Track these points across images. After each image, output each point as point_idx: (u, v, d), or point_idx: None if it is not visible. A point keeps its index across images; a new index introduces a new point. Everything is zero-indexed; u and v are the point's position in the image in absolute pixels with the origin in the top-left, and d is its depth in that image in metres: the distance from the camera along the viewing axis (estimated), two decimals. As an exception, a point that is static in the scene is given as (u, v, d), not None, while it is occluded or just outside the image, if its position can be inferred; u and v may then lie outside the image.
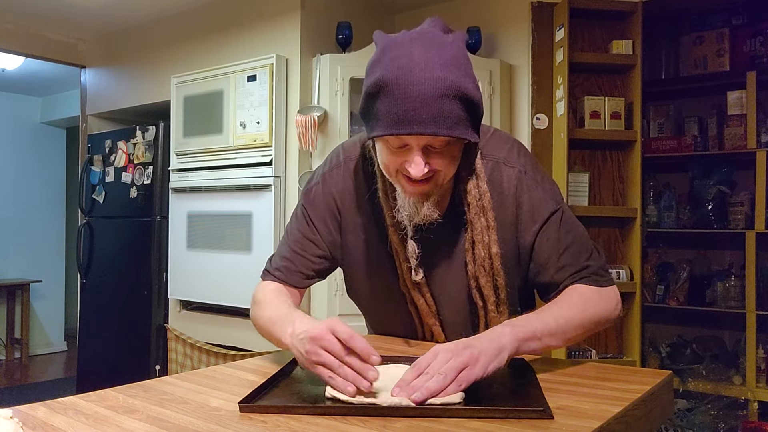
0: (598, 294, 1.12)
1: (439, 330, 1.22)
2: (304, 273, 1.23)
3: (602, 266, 1.16)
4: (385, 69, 1.00)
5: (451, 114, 0.98)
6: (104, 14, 3.82)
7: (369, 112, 1.05)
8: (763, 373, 2.94)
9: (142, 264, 3.74)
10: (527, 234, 1.15)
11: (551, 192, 1.17)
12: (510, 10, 3.21)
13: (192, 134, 3.41)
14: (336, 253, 1.25)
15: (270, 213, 3.04)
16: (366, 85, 1.04)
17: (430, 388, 0.83)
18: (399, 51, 1.01)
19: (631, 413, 0.84)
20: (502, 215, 1.15)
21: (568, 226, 1.15)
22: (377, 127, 1.02)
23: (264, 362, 1.12)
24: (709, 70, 3.28)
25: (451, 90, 0.98)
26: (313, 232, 1.23)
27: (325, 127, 3.02)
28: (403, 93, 0.98)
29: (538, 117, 2.97)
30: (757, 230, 2.97)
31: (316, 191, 1.24)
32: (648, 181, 3.36)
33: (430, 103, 0.97)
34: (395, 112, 0.98)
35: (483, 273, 1.14)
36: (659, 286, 3.36)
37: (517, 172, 1.16)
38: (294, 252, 1.23)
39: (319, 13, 3.21)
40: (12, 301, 5.57)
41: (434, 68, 0.98)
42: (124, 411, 0.83)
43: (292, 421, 0.79)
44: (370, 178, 1.19)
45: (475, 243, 1.14)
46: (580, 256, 1.14)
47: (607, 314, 1.12)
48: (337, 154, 1.26)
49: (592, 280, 1.13)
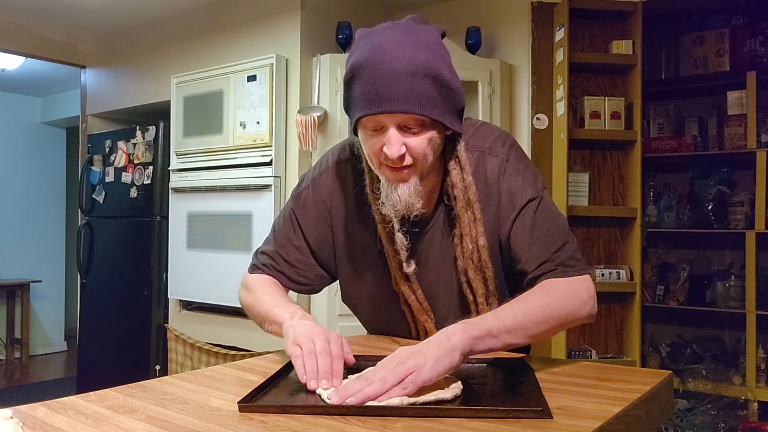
0: (566, 286, 1.06)
1: (432, 326, 1.22)
2: (290, 276, 1.25)
3: (572, 255, 1.10)
4: (359, 53, 1.03)
5: (424, 93, 1.00)
6: (104, 14, 3.82)
7: (348, 100, 1.07)
8: (763, 373, 2.94)
9: (142, 264, 3.74)
10: (506, 222, 1.14)
11: (532, 180, 1.15)
12: (510, 10, 3.21)
13: (192, 134, 3.41)
14: (326, 256, 1.25)
15: (270, 213, 3.04)
16: (344, 75, 1.07)
17: (366, 392, 0.83)
18: (373, 37, 1.04)
19: (631, 413, 0.84)
20: (487, 206, 1.15)
21: (544, 214, 1.12)
22: (354, 112, 1.05)
23: (264, 362, 1.12)
24: (709, 70, 3.28)
25: (421, 68, 0.99)
26: (299, 238, 1.24)
27: (325, 127, 3.02)
28: (374, 72, 1.00)
29: (538, 117, 2.97)
30: (757, 230, 2.97)
31: (306, 196, 1.25)
32: (648, 181, 3.36)
33: (401, 79, 0.99)
34: (368, 92, 1.01)
35: (471, 266, 1.14)
36: (659, 286, 3.36)
37: (500, 160, 1.15)
38: (279, 255, 1.25)
39: (319, 13, 3.21)
40: (12, 301, 5.57)
41: (405, 48, 1.00)
42: (124, 411, 0.83)
43: (292, 421, 0.79)
44: (359, 177, 1.19)
45: (463, 236, 1.14)
46: (552, 246, 1.09)
47: (574, 309, 1.05)
48: (326, 159, 1.27)
49: (559, 271, 1.07)
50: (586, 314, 1.07)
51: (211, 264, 3.29)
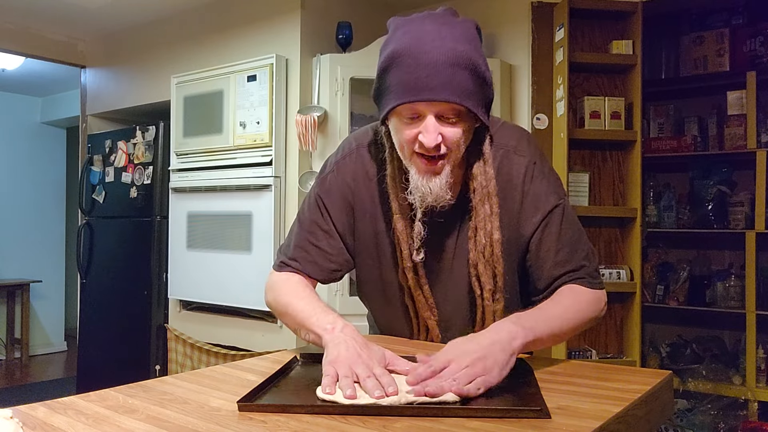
0: (593, 296, 1.14)
1: (434, 324, 1.22)
2: (320, 264, 1.22)
3: (597, 268, 1.19)
4: (397, 42, 1.03)
5: (462, 84, 1.01)
6: (104, 14, 3.82)
7: (381, 88, 1.07)
8: (763, 373, 2.94)
9: (142, 264, 3.74)
10: (528, 224, 1.16)
11: (555, 186, 1.18)
12: (510, 10, 3.21)
13: (192, 134, 3.41)
14: (350, 241, 1.24)
15: (270, 213, 3.04)
16: (379, 64, 1.06)
17: (444, 387, 0.84)
18: (410, 26, 1.04)
19: (631, 413, 0.84)
20: (507, 203, 1.16)
21: (568, 222, 1.17)
22: (390, 100, 1.04)
23: (264, 362, 1.12)
24: (709, 70, 3.28)
25: (462, 60, 1.00)
26: (327, 222, 1.22)
27: (325, 127, 3.02)
28: (414, 61, 1.00)
29: (538, 117, 2.97)
30: (757, 230, 2.97)
31: (331, 179, 1.24)
32: (648, 181, 3.36)
33: (441, 70, 0.99)
34: (407, 81, 1.01)
35: (482, 260, 1.14)
36: (659, 286, 3.36)
37: (527, 161, 1.17)
38: (308, 242, 1.22)
39: (319, 13, 3.21)
40: (12, 301, 5.57)
41: (445, 38, 1.01)
42: (124, 411, 0.83)
43: (292, 421, 0.79)
44: (380, 165, 1.19)
45: (477, 230, 1.14)
46: (578, 254, 1.15)
47: (595, 316, 1.15)
48: (349, 143, 1.26)
49: (587, 281, 1.14)
50: (599, 319, 1.18)
51: (211, 264, 3.29)
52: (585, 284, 1.14)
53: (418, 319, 1.24)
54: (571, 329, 1.10)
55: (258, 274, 3.04)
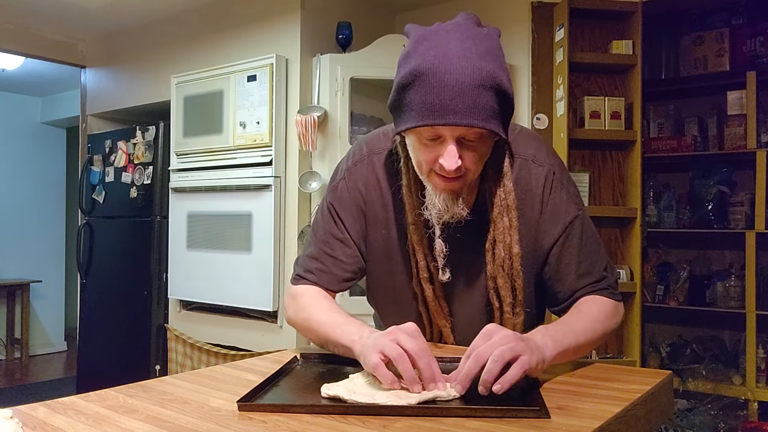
0: (614, 308, 1.15)
1: (449, 331, 1.21)
2: (337, 275, 1.20)
3: (617, 279, 1.19)
4: (421, 58, 0.98)
5: (487, 106, 0.97)
6: (104, 14, 3.82)
7: (401, 103, 1.02)
8: (763, 373, 2.94)
9: (142, 264, 3.74)
10: (547, 236, 1.14)
11: (574, 196, 1.17)
12: (510, 10, 3.21)
13: (192, 134, 3.41)
14: (363, 248, 1.22)
15: (270, 213, 3.04)
16: (399, 76, 1.01)
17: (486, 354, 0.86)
18: (435, 41, 0.99)
19: (631, 413, 0.84)
20: (526, 214, 1.14)
21: (588, 233, 1.16)
22: (410, 119, 1.00)
23: (264, 362, 1.12)
24: (709, 70, 3.27)
25: (488, 81, 0.96)
26: (342, 231, 1.20)
27: (325, 127, 3.02)
28: (439, 82, 0.95)
29: (538, 117, 2.97)
30: (757, 230, 2.97)
31: (342, 187, 1.22)
32: (648, 181, 3.36)
33: (467, 92, 0.95)
34: (430, 102, 0.96)
35: (502, 273, 1.12)
36: (659, 286, 3.36)
37: (547, 170, 1.15)
38: (323, 253, 1.20)
39: (319, 13, 3.21)
40: (12, 301, 5.57)
41: (471, 57, 0.96)
42: (124, 411, 0.83)
43: (292, 420, 0.79)
44: (394, 174, 1.17)
45: (496, 243, 1.12)
46: (598, 265, 1.15)
47: (616, 328, 1.16)
48: (361, 148, 1.23)
49: (609, 293, 1.14)
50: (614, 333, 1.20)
51: (211, 264, 3.29)
52: (607, 295, 1.14)
53: (431, 327, 1.23)
54: (595, 341, 1.09)
55: (258, 274, 3.04)
